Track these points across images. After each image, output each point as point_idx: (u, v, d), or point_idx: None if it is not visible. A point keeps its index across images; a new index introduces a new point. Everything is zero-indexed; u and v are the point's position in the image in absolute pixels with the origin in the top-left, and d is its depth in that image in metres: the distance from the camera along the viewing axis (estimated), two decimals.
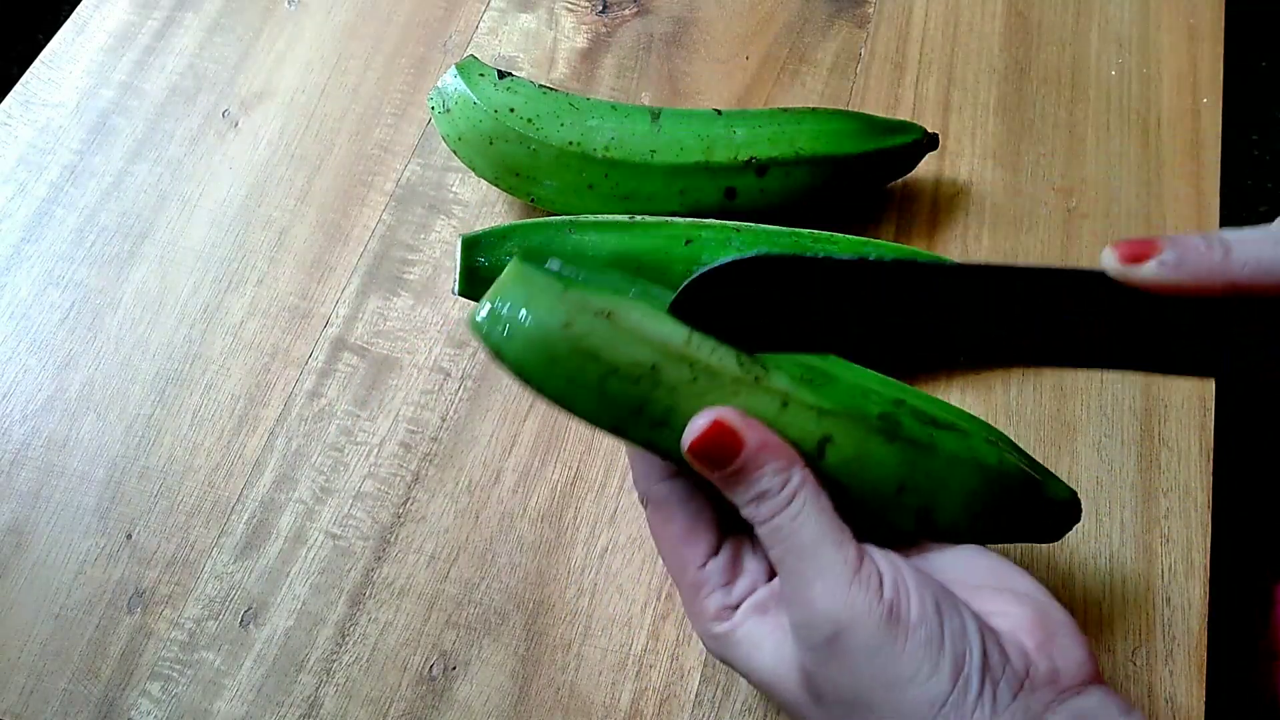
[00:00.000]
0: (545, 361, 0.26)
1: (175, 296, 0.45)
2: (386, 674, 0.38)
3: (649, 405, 0.27)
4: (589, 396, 0.27)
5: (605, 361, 0.26)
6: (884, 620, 0.25)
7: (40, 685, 0.38)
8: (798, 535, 0.26)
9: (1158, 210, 0.48)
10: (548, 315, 0.26)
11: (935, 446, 0.29)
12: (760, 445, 0.27)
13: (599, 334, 0.26)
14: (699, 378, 0.27)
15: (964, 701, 0.25)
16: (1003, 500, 0.31)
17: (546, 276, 0.27)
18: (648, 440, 0.27)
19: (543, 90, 0.43)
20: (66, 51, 0.52)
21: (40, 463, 0.42)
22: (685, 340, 0.27)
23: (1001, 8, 0.53)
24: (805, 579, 0.26)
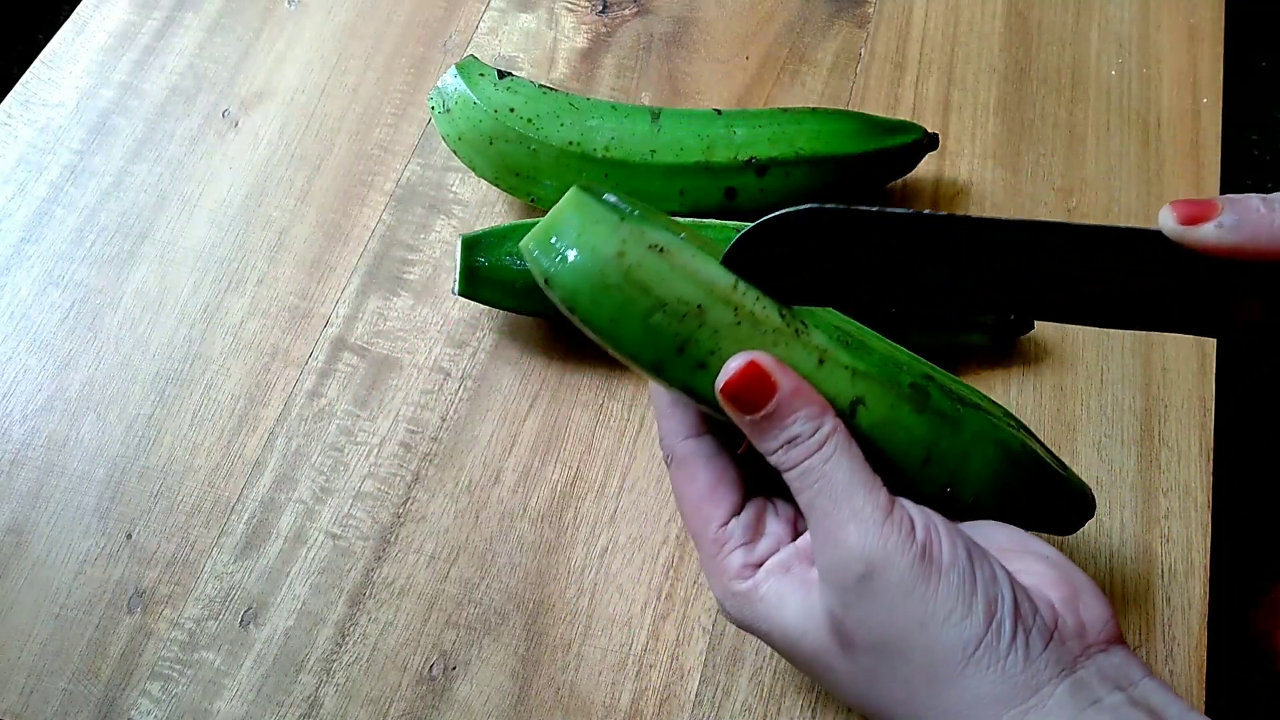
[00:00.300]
0: (595, 289, 0.26)
1: (175, 296, 0.45)
2: (386, 674, 0.38)
3: (691, 345, 0.27)
4: (634, 329, 0.27)
5: (654, 295, 0.26)
6: (917, 559, 0.25)
7: (40, 685, 0.38)
8: (830, 478, 0.26)
9: (1158, 210, 0.48)
10: (602, 244, 0.26)
11: (962, 421, 0.30)
12: (794, 391, 0.27)
13: (651, 267, 0.26)
14: (742, 322, 0.27)
15: (997, 645, 0.25)
16: (1023, 483, 0.31)
17: (604, 207, 0.27)
18: (684, 382, 0.28)
19: (543, 90, 0.43)
20: (66, 51, 0.52)
21: (40, 463, 0.42)
22: (732, 285, 0.27)
23: (1001, 8, 0.53)
24: (838, 520, 0.26)
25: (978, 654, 0.25)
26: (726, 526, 0.29)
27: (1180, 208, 0.25)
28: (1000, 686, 0.25)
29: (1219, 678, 0.40)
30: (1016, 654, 0.25)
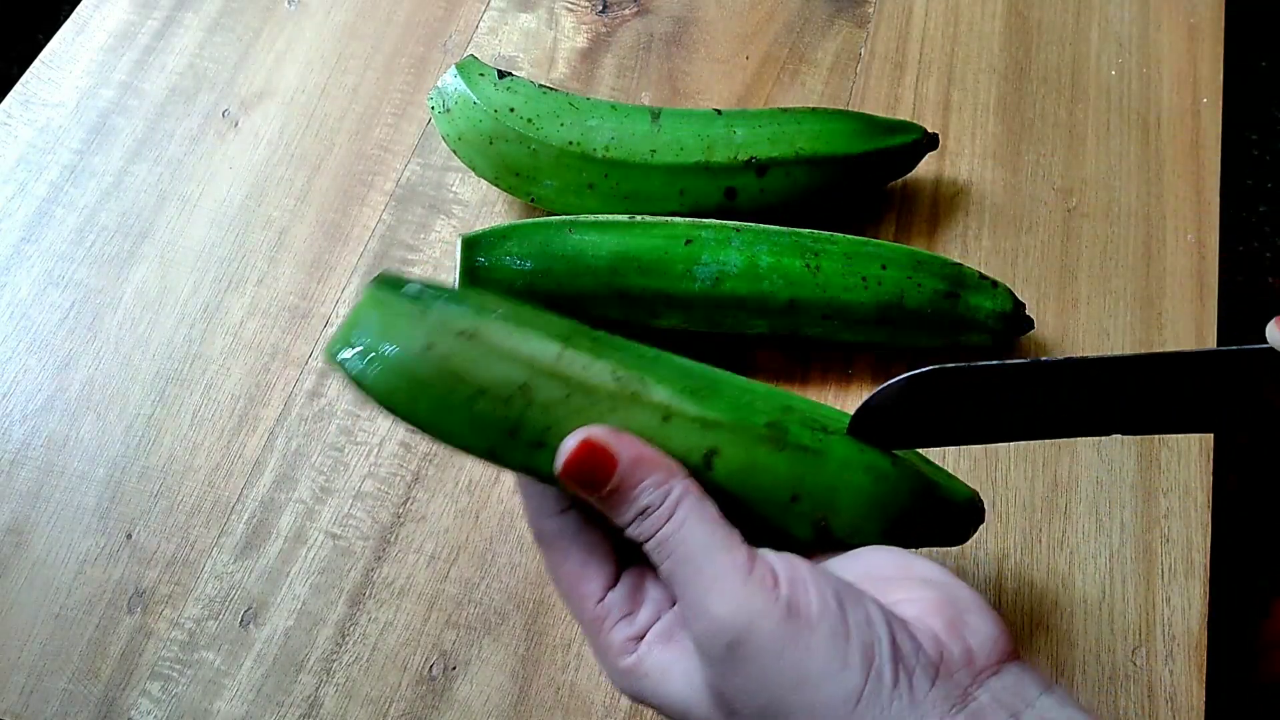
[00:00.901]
0: (410, 387, 0.25)
1: (175, 296, 0.45)
2: (386, 674, 0.38)
3: (523, 427, 0.26)
4: (459, 421, 0.26)
5: (472, 382, 0.25)
6: (784, 618, 0.24)
7: (40, 685, 0.38)
8: (685, 545, 0.26)
9: (1158, 210, 0.48)
10: (408, 339, 0.25)
11: (826, 452, 0.29)
12: (635, 460, 0.26)
13: (463, 354, 0.25)
14: (573, 394, 0.26)
15: (880, 693, 0.24)
16: (901, 504, 0.30)
17: (404, 300, 0.26)
18: (525, 464, 0.26)
19: (543, 90, 0.43)
20: (66, 51, 0.52)
21: (40, 463, 0.42)
22: (557, 356, 0.26)
23: (1001, 8, 0.53)
24: (698, 589, 0.25)
25: (861, 706, 0.24)
26: (603, 601, 0.28)
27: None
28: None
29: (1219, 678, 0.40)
30: (901, 698, 0.24)
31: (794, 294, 0.40)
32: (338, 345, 0.26)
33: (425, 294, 0.26)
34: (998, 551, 0.40)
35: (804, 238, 0.41)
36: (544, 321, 0.27)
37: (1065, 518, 0.41)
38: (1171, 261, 0.47)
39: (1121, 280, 0.46)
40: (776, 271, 0.40)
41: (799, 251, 0.40)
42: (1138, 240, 0.47)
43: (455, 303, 0.26)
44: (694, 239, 0.40)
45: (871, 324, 0.41)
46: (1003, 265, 0.46)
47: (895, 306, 0.41)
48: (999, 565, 0.40)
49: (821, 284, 0.40)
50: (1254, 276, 0.72)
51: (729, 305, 0.40)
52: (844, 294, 0.40)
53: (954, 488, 0.32)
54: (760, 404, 0.29)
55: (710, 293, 0.40)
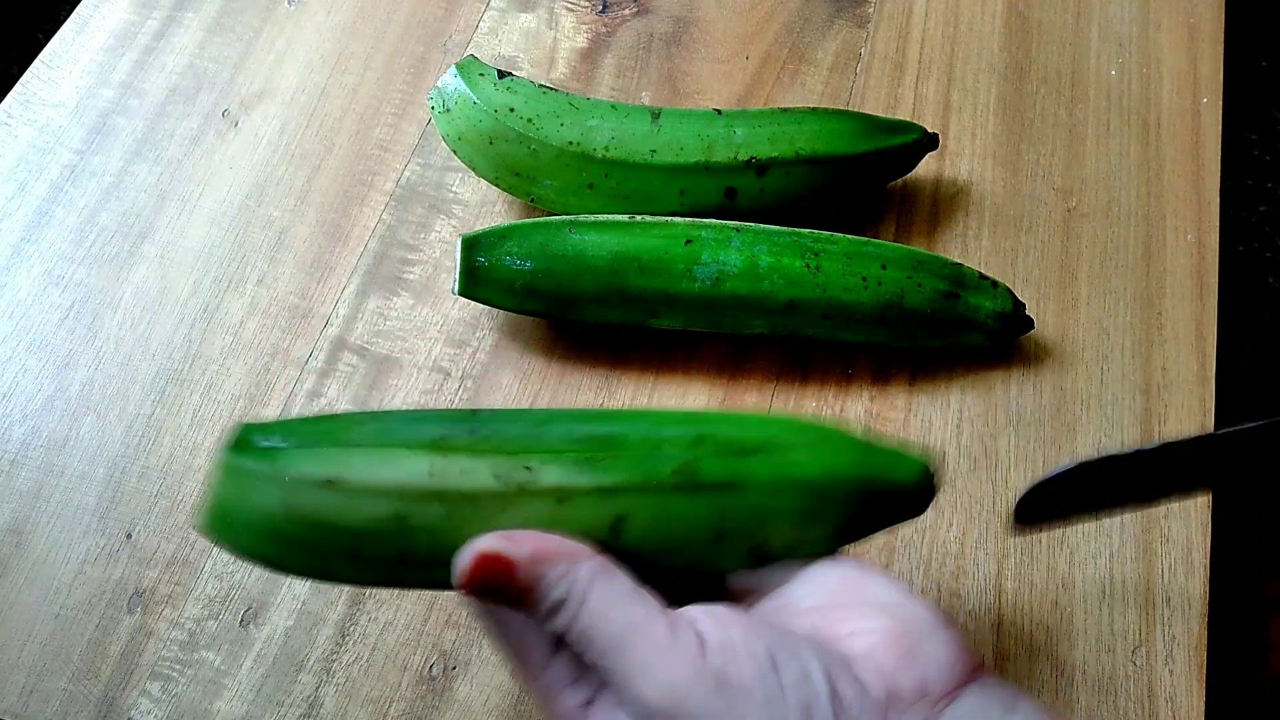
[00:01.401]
0: (287, 548, 0.25)
1: (175, 296, 0.45)
2: (386, 674, 0.38)
3: (411, 553, 0.25)
4: (345, 565, 0.25)
5: (345, 529, 0.25)
6: (713, 690, 0.23)
7: (40, 685, 0.38)
8: (602, 632, 0.24)
9: (1157, 210, 0.48)
10: (267, 503, 0.24)
11: (746, 482, 0.27)
12: (533, 558, 0.25)
13: (327, 505, 0.24)
14: (453, 509, 0.25)
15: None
16: (839, 511, 0.28)
17: (256, 461, 0.25)
18: (426, 583, 0.26)
19: (543, 90, 0.43)
20: (66, 51, 0.52)
21: (40, 463, 0.42)
22: (428, 474, 0.25)
23: (1001, 8, 0.53)
24: (624, 675, 0.24)
25: None
26: (548, 671, 0.27)
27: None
28: None
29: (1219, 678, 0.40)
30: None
31: (794, 294, 0.40)
32: (205, 520, 0.25)
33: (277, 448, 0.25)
34: (998, 551, 0.40)
35: (804, 238, 0.41)
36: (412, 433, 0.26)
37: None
38: (1171, 261, 0.47)
39: (1121, 280, 0.46)
40: (776, 271, 0.40)
41: (799, 251, 0.40)
42: (1138, 240, 0.47)
43: (309, 448, 0.25)
44: (694, 239, 0.40)
45: (871, 324, 0.41)
46: (1003, 265, 0.46)
47: (895, 306, 0.41)
48: (999, 565, 0.40)
49: (821, 284, 0.40)
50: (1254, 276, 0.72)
51: (729, 305, 0.40)
52: (844, 294, 0.40)
53: (899, 471, 0.29)
54: (667, 447, 0.27)
55: (710, 293, 0.40)
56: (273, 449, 0.25)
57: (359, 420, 0.26)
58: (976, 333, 0.42)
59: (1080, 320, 0.45)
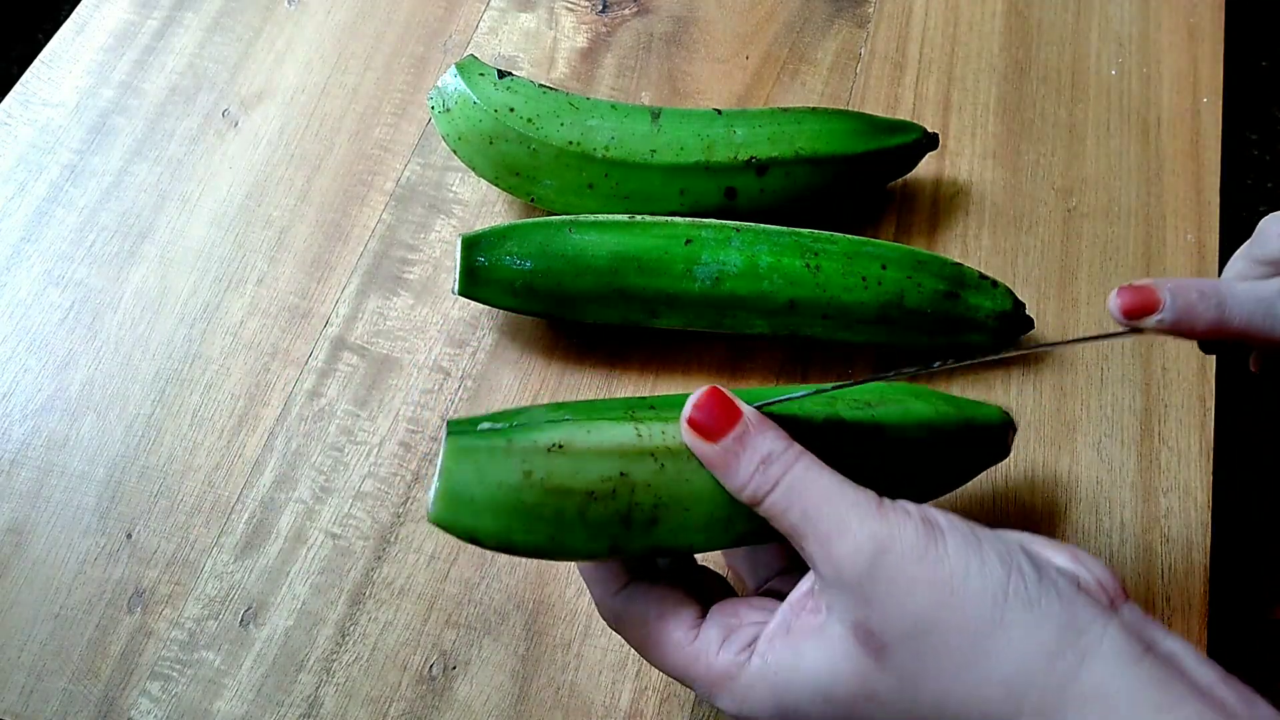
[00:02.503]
0: (523, 519, 0.26)
1: (175, 296, 0.45)
2: (386, 674, 0.38)
3: (634, 511, 0.27)
4: (577, 533, 0.26)
5: (578, 490, 0.26)
6: (920, 526, 0.25)
7: (40, 685, 0.38)
8: (816, 482, 0.26)
9: (1157, 210, 0.48)
10: (505, 474, 0.26)
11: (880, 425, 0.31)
12: (756, 416, 0.27)
13: (561, 468, 0.26)
14: (665, 463, 0.27)
15: (1025, 588, 0.24)
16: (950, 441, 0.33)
17: (485, 439, 0.26)
18: (645, 547, 0.27)
19: (543, 90, 0.43)
20: (66, 51, 0.52)
21: (40, 462, 0.42)
22: (635, 433, 0.27)
23: (1001, 7, 0.53)
24: (836, 514, 0.25)
25: (1009, 601, 0.24)
26: (698, 639, 0.28)
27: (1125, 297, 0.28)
28: (1044, 632, 0.23)
29: None
30: (1050, 593, 0.24)
31: (794, 294, 0.40)
32: (442, 508, 0.26)
33: (496, 429, 0.27)
34: None
35: (804, 238, 0.41)
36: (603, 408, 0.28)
37: (1065, 518, 0.41)
38: (1171, 261, 0.47)
39: (1121, 280, 0.46)
40: (776, 271, 0.40)
41: (799, 251, 0.40)
42: (1138, 240, 0.47)
43: (525, 426, 0.27)
44: (694, 239, 0.40)
45: (871, 324, 0.41)
46: (1003, 265, 0.46)
47: (895, 306, 0.41)
48: None
49: (821, 284, 0.40)
50: None
51: (729, 305, 0.40)
52: (844, 294, 0.40)
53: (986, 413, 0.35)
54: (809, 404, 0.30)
55: (710, 293, 0.40)
56: (493, 430, 0.27)
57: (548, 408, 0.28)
58: (977, 332, 0.42)
59: (1080, 320, 0.45)
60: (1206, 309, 0.27)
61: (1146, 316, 0.28)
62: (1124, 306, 0.28)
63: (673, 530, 0.27)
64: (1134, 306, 0.28)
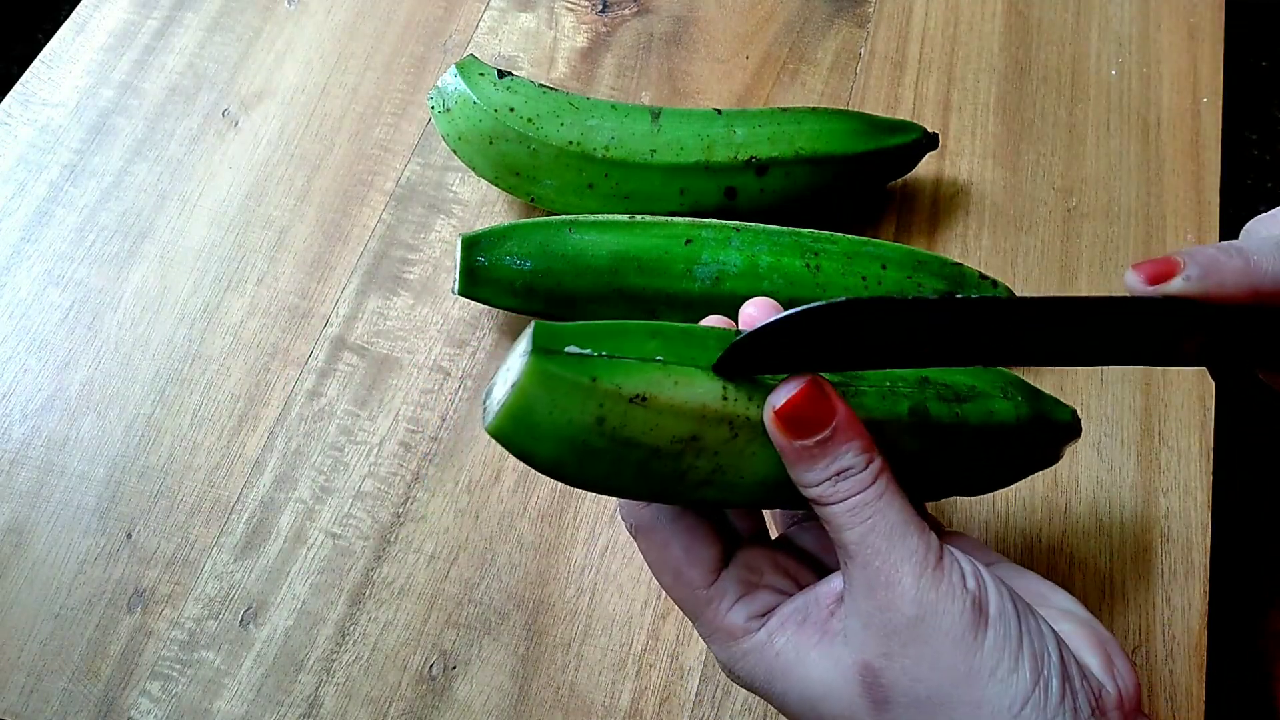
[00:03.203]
0: (581, 458, 0.25)
1: (175, 296, 0.45)
2: (386, 673, 0.38)
3: (691, 471, 0.26)
4: (628, 477, 0.26)
5: (644, 447, 0.25)
6: (969, 608, 0.24)
7: (40, 685, 0.38)
8: (884, 515, 0.25)
9: (1157, 210, 0.48)
10: (580, 413, 0.24)
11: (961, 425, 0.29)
12: (849, 418, 0.25)
13: (636, 421, 0.25)
14: (740, 433, 0.26)
15: (1045, 705, 0.23)
16: (1022, 447, 0.31)
17: (569, 369, 0.24)
18: (689, 501, 0.27)
19: (543, 90, 0.43)
20: (66, 51, 0.52)
21: (40, 462, 0.42)
22: (721, 397, 0.26)
23: (1001, 7, 0.53)
24: (892, 560, 0.24)
25: (1025, 712, 0.23)
26: (716, 583, 0.27)
27: (1144, 269, 0.26)
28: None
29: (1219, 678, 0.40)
30: (1065, 715, 0.23)
31: (794, 294, 0.40)
32: (505, 422, 0.25)
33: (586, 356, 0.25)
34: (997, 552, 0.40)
35: (804, 238, 0.41)
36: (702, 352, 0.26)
37: (1065, 518, 0.41)
38: None
39: (1121, 280, 0.46)
40: (776, 271, 0.40)
41: (799, 251, 0.40)
42: (1138, 240, 0.47)
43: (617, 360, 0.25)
44: (694, 239, 0.40)
45: None
46: (1003, 265, 0.46)
47: None
48: None
49: (821, 284, 0.40)
50: None
51: (729, 305, 0.40)
52: (844, 294, 0.40)
53: (1059, 412, 0.33)
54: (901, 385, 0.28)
55: (710, 293, 0.40)
56: (583, 357, 0.25)
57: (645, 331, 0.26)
58: None
59: None
60: (1230, 262, 0.25)
61: (1170, 279, 0.25)
62: (1146, 275, 0.26)
63: (720, 492, 0.27)
64: (1156, 273, 0.26)
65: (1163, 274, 0.26)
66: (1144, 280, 0.26)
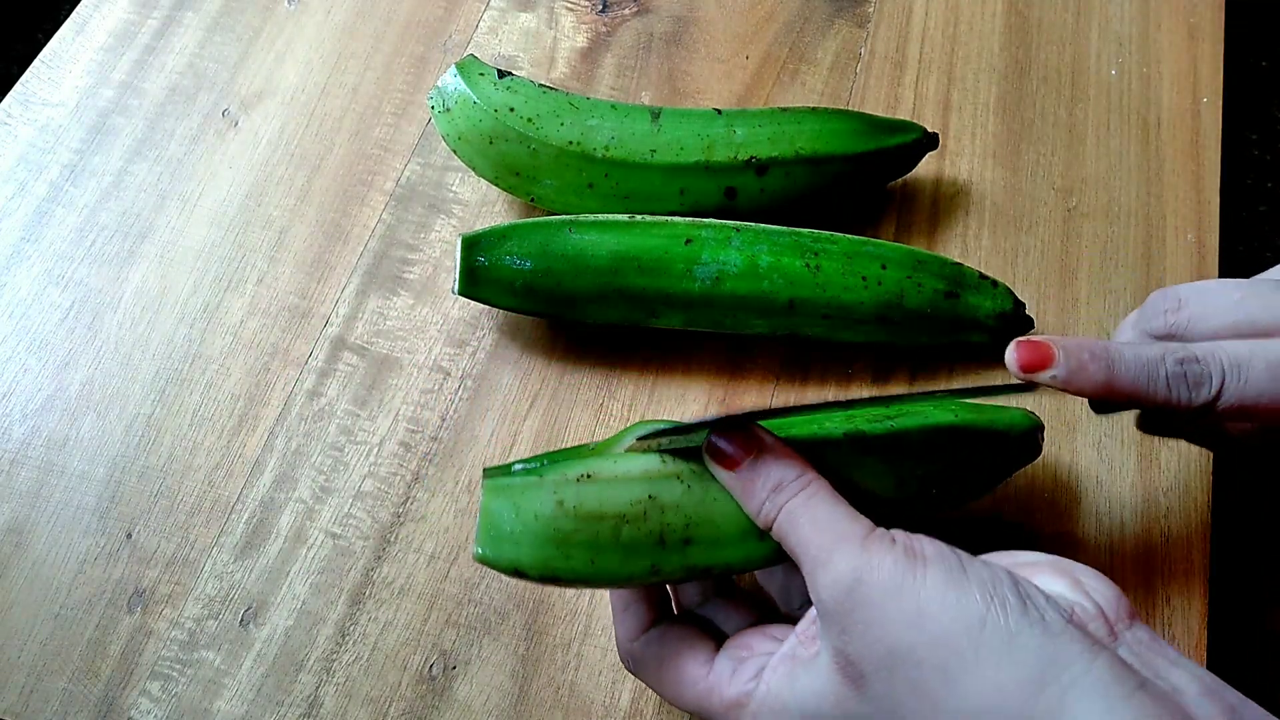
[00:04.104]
0: (561, 548, 0.28)
1: (175, 296, 0.45)
2: (386, 673, 0.38)
3: (667, 532, 0.29)
4: (614, 557, 0.28)
5: (611, 515, 0.28)
6: (901, 558, 0.25)
7: (40, 685, 0.38)
8: (814, 510, 0.27)
9: (1158, 210, 0.48)
10: (541, 505, 0.28)
11: (901, 434, 0.32)
12: (776, 441, 0.29)
13: (591, 495, 0.28)
14: (691, 484, 0.29)
15: (1004, 620, 0.23)
16: (969, 450, 0.34)
17: (519, 477, 0.28)
18: (685, 566, 0.29)
19: (543, 90, 0.43)
20: (66, 51, 0.52)
21: (40, 462, 0.42)
22: (660, 460, 0.29)
23: (1001, 7, 0.53)
24: (825, 545, 0.27)
25: (985, 634, 0.23)
26: (712, 670, 0.29)
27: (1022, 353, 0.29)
28: (1022, 667, 0.23)
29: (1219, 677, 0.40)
30: (1031, 627, 0.23)
31: (794, 294, 0.40)
32: (485, 546, 0.28)
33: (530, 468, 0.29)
34: None
35: (804, 238, 0.41)
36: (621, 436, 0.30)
37: (1065, 518, 0.41)
38: (1171, 261, 0.47)
39: (1121, 280, 0.46)
40: (776, 271, 0.40)
41: (799, 251, 0.40)
42: (1138, 240, 0.47)
43: (556, 462, 0.29)
44: (694, 239, 0.40)
45: (871, 324, 0.41)
46: (1003, 265, 0.46)
47: (895, 306, 0.41)
48: None
49: (821, 284, 0.40)
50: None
51: (729, 305, 0.40)
52: (844, 294, 0.40)
53: (1008, 418, 0.35)
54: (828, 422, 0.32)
55: (710, 292, 0.40)
56: (526, 469, 0.29)
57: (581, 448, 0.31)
58: (976, 332, 0.42)
59: (1080, 320, 0.45)
60: (1097, 369, 0.29)
61: (1041, 372, 0.29)
62: (1021, 361, 0.29)
63: (707, 549, 0.29)
64: (1030, 362, 0.29)
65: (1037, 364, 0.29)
66: (1019, 365, 0.29)
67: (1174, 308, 0.31)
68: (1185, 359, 0.29)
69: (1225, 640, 0.56)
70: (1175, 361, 0.29)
